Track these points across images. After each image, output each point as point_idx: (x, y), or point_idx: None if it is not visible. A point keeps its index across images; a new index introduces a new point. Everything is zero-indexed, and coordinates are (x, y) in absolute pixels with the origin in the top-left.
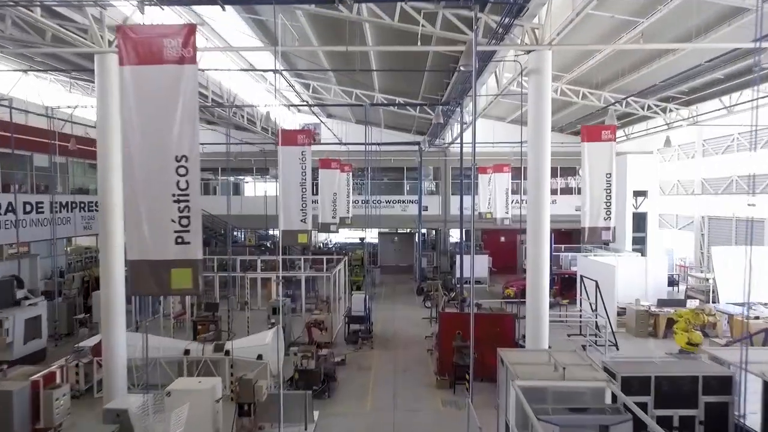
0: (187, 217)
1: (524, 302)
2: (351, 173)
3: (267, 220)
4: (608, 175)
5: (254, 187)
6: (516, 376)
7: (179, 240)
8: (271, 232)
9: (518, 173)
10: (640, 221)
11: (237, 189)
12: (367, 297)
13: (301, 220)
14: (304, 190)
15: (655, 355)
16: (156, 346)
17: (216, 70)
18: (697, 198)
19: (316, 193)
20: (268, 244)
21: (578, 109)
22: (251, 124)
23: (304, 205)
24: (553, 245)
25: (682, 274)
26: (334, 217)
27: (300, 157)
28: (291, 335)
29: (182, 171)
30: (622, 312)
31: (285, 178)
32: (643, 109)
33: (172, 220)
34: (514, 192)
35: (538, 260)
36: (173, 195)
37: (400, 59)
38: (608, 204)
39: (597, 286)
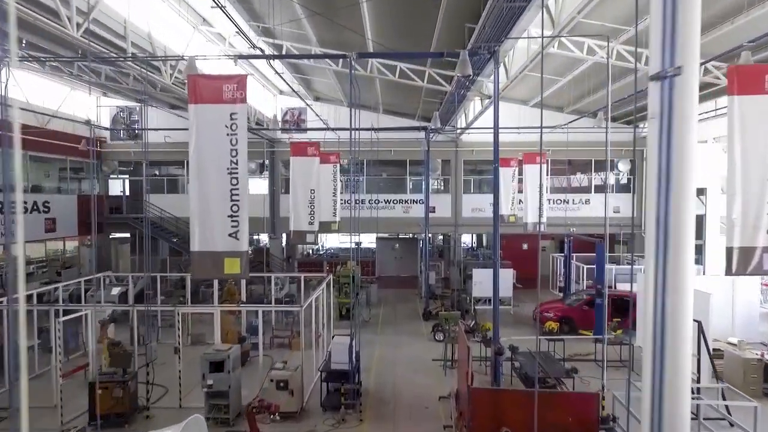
0: None
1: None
2: (338, 165)
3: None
4: None
5: None
6: None
7: None
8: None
9: (551, 167)
10: (696, 226)
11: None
12: (355, 341)
13: (231, 235)
14: (234, 182)
15: None
16: None
17: None
18: None
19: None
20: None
21: (623, 87)
22: None
23: (236, 209)
24: (606, 255)
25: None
26: (311, 223)
27: (228, 125)
28: (240, 402)
29: None
30: (716, 355)
31: (201, 161)
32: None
33: None
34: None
35: (680, 310)
36: None
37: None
38: None
39: (700, 328)
